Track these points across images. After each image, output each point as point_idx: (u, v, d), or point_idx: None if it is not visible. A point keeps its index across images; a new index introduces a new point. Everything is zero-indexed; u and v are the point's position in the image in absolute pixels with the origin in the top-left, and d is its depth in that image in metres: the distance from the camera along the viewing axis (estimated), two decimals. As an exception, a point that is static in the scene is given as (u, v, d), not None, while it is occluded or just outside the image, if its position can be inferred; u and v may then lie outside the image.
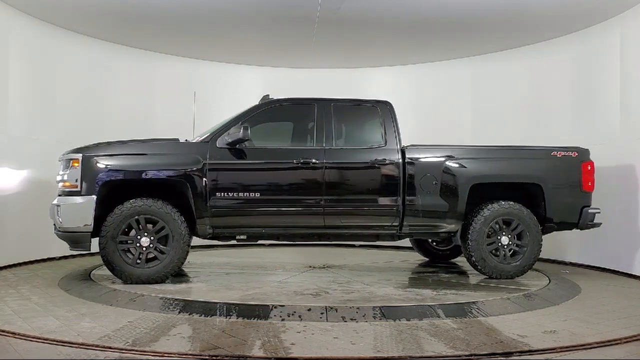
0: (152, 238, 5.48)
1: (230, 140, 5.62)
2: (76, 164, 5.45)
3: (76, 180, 5.44)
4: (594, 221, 6.16)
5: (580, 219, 6.10)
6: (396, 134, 5.99)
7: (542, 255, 7.94)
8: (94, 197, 5.39)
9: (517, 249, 6.00)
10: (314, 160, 5.74)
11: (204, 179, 5.56)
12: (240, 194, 5.68)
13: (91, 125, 8.09)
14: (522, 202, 6.09)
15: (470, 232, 5.94)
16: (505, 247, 5.98)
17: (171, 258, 5.48)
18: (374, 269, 6.79)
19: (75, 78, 8.02)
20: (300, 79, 9.53)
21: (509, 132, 8.11)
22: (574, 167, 6.12)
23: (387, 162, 5.85)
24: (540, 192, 6.05)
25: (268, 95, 6.29)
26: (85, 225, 5.38)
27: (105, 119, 8.32)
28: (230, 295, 4.93)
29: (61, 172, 5.61)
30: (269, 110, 6.04)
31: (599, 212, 6.15)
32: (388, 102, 6.18)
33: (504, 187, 6.18)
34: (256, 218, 5.78)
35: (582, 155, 6.19)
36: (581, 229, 6.24)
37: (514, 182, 6.16)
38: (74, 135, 7.67)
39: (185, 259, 5.60)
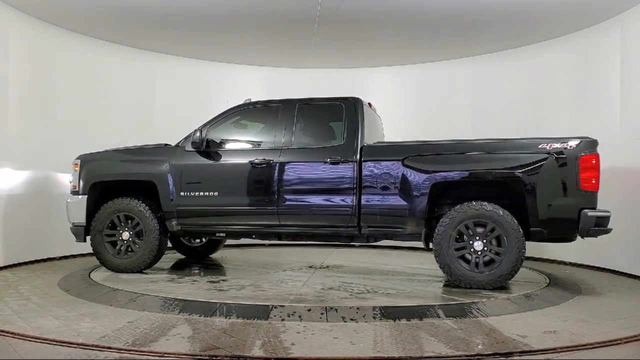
0: (131, 233, 6.14)
1: (191, 143, 6.00)
2: (76, 168, 6.33)
3: (76, 182, 6.32)
4: (606, 226, 5.17)
5: (578, 223, 5.11)
6: (358, 131, 5.75)
7: (542, 255, 8.03)
8: (86, 196, 6.23)
9: (493, 255, 5.27)
10: (268, 160, 5.84)
11: (169, 180, 6.06)
12: (200, 194, 6.02)
13: (91, 126, 8.09)
14: (510, 203, 5.38)
15: (434, 235, 5.44)
16: (479, 253, 5.28)
17: (143, 251, 6.07)
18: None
19: (75, 78, 8.01)
20: (301, 79, 9.52)
21: (509, 132, 8.06)
22: (569, 161, 5.15)
23: (341, 160, 5.69)
24: (522, 191, 5.27)
25: (250, 98, 6.42)
26: (80, 221, 6.22)
27: (105, 119, 8.32)
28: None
29: (71, 174, 6.44)
30: (242, 113, 6.29)
31: (608, 215, 5.18)
32: (355, 99, 5.97)
33: (487, 186, 5.50)
34: (216, 217, 6.05)
35: (582, 147, 5.18)
36: (582, 236, 5.23)
37: (484, 180, 5.40)
38: (74, 136, 7.69)
39: (156, 252, 6.10)
